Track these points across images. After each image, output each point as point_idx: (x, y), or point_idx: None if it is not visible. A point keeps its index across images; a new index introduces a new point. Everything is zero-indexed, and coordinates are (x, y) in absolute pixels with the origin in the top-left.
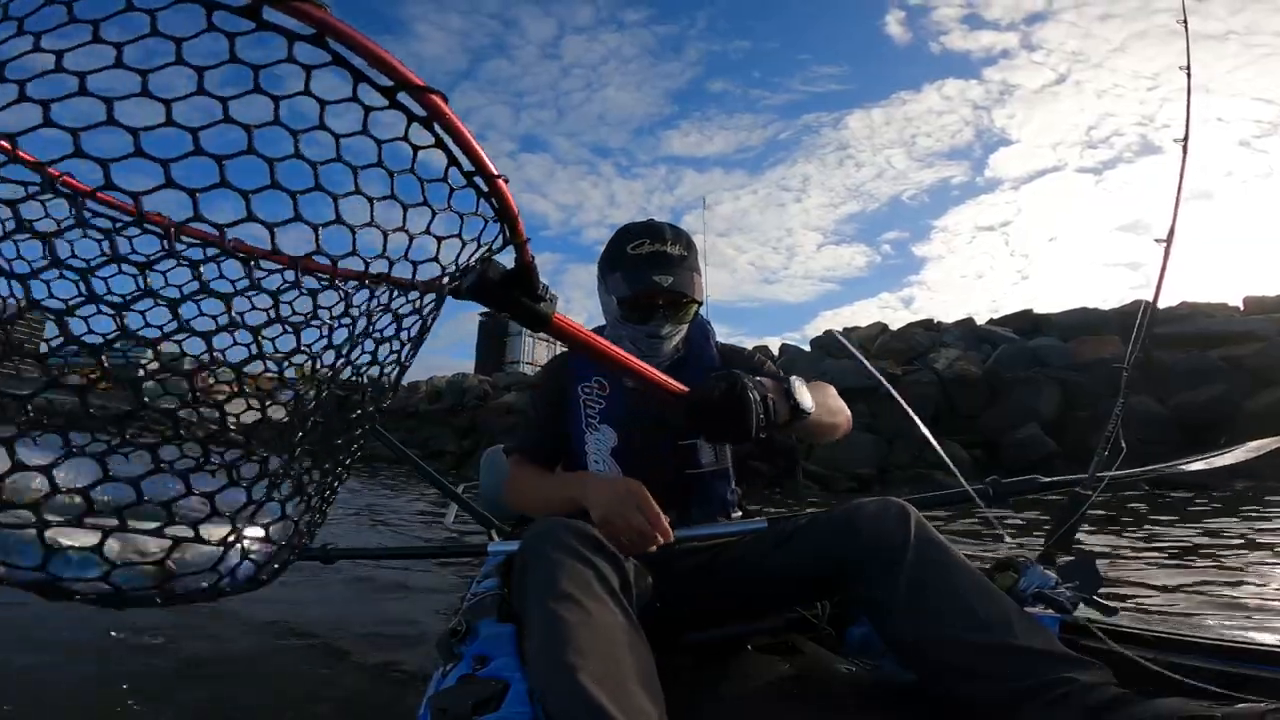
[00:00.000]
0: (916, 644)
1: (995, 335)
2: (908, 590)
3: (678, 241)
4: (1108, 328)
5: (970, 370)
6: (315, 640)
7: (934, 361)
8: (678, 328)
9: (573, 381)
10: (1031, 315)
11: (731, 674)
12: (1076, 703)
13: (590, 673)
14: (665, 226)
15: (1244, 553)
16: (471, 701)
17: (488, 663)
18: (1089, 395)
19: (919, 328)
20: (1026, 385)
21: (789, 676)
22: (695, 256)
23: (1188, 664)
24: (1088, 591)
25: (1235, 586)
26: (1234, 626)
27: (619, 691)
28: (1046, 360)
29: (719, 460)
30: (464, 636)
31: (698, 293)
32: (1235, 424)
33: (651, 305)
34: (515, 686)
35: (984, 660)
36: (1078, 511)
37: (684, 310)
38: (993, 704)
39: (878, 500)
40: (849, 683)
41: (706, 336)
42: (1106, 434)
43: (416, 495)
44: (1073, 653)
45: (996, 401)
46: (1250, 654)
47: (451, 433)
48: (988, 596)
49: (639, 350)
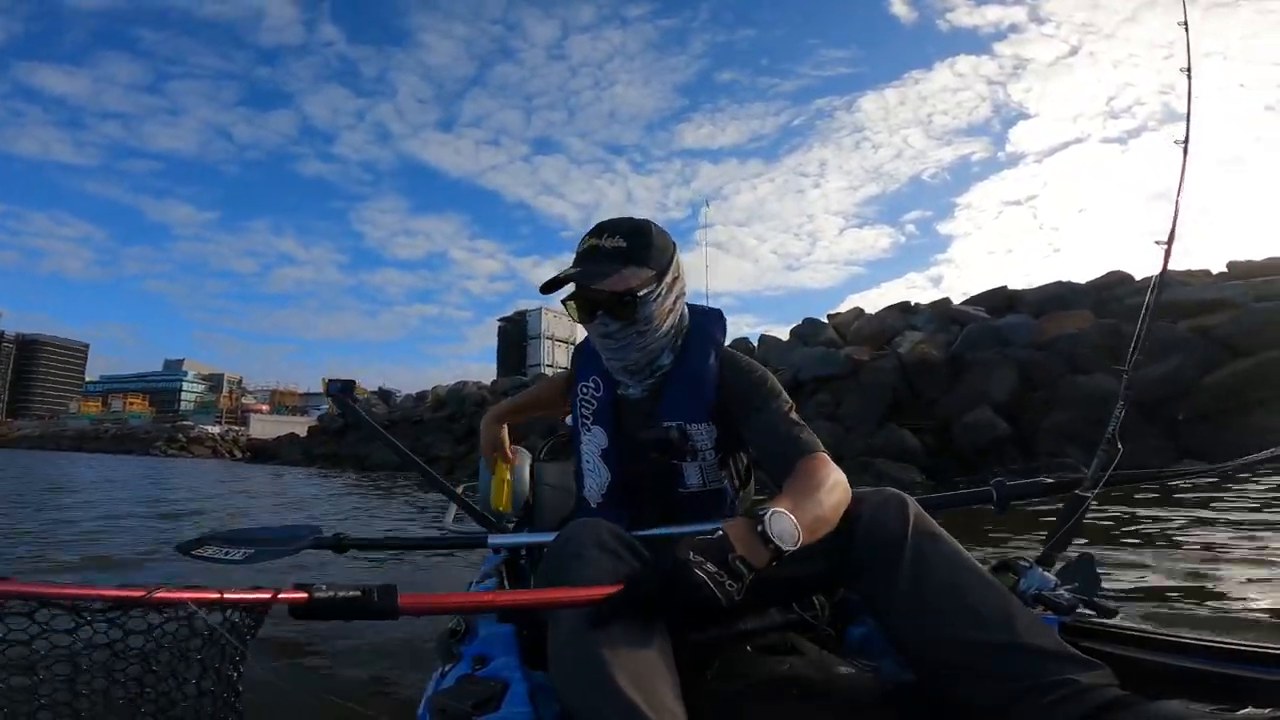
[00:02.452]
0: (917, 642)
1: (966, 315)
2: (908, 586)
3: (616, 234)
4: (1081, 302)
5: (931, 353)
6: (315, 639)
7: (898, 346)
8: (630, 328)
9: (578, 377)
10: (1006, 292)
11: (731, 674)
12: (1077, 703)
13: (623, 672)
14: (616, 221)
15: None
16: (471, 701)
17: (487, 663)
18: (1046, 375)
19: (894, 311)
20: (982, 367)
21: (789, 676)
22: (644, 249)
23: (1189, 666)
24: (1088, 593)
25: (1236, 587)
26: (1236, 629)
27: (650, 692)
28: (1011, 339)
29: (707, 483)
30: (463, 636)
31: (623, 285)
32: (1191, 400)
33: (590, 304)
34: (515, 686)
35: (985, 659)
36: (1077, 513)
37: (626, 308)
38: (993, 704)
39: (876, 491)
40: (849, 683)
41: (709, 347)
42: (1106, 434)
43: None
44: (1076, 651)
45: (958, 385)
46: (1253, 657)
47: (448, 438)
48: (989, 592)
49: (606, 358)
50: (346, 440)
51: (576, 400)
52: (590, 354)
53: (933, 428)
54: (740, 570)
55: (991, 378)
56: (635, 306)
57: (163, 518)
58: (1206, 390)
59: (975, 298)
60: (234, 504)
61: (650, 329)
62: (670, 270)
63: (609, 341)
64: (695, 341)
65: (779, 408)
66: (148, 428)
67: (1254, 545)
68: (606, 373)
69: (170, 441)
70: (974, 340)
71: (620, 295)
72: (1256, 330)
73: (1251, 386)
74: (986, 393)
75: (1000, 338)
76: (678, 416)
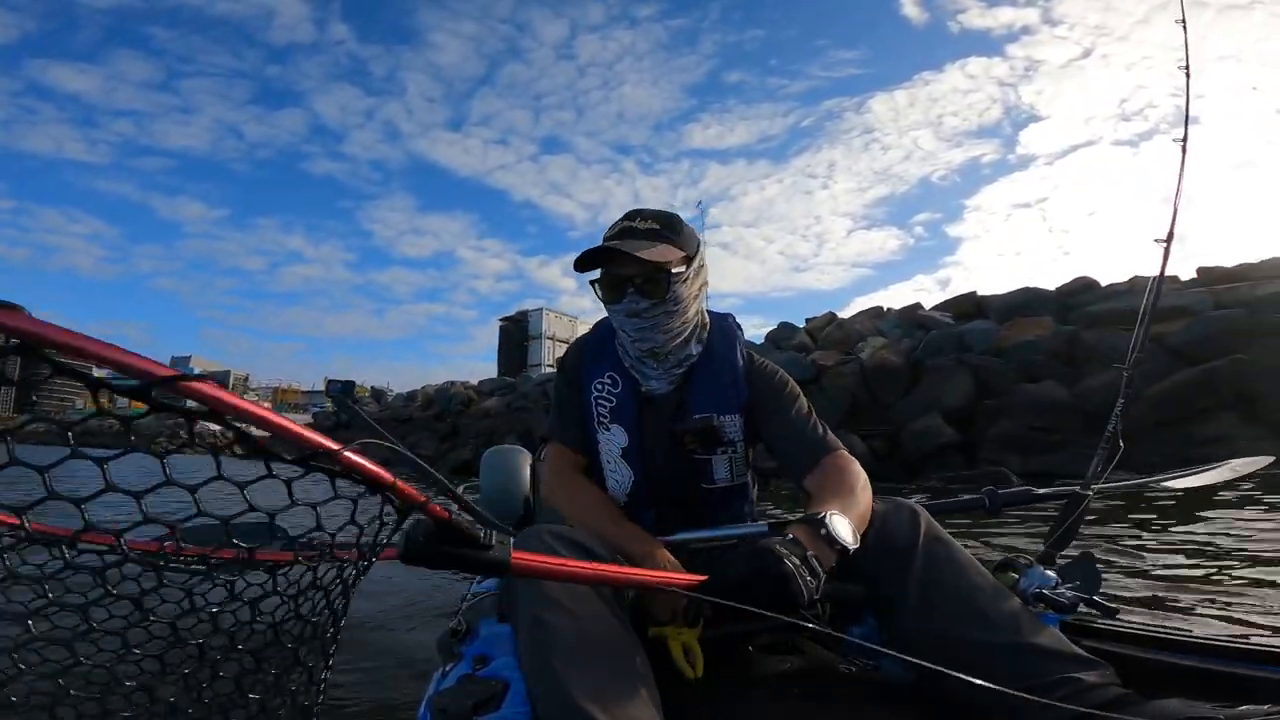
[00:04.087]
0: (924, 642)
1: (932, 321)
2: (918, 589)
3: (649, 219)
4: (1046, 309)
5: (891, 359)
6: None
7: (861, 351)
8: (659, 308)
9: (588, 375)
10: (975, 298)
11: (731, 674)
12: (1080, 702)
13: (579, 682)
14: (647, 210)
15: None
16: (472, 701)
17: (488, 663)
18: (1001, 382)
19: (866, 316)
20: (938, 373)
21: (789, 676)
22: (676, 233)
23: (1189, 665)
24: (1088, 592)
25: (1236, 587)
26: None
27: (609, 700)
28: (972, 345)
29: (735, 477)
30: (464, 636)
31: (660, 256)
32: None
33: (621, 281)
34: (515, 686)
35: (990, 658)
36: (1077, 511)
37: (658, 285)
38: (995, 704)
39: (887, 500)
40: (849, 683)
41: (732, 341)
42: (1106, 434)
43: None
44: (1080, 650)
45: (914, 390)
46: (1251, 655)
47: (433, 437)
48: (997, 595)
49: (630, 341)
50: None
51: (591, 402)
52: (599, 351)
53: (886, 433)
54: (818, 569)
55: (946, 384)
56: (668, 284)
57: None
58: (1148, 400)
59: (944, 303)
60: None
61: (679, 310)
62: (697, 258)
63: (637, 321)
64: (720, 336)
65: (801, 408)
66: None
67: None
68: (623, 368)
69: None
70: (936, 346)
71: (656, 267)
72: (1210, 339)
73: (1196, 396)
74: (940, 399)
75: (962, 344)
76: (709, 408)
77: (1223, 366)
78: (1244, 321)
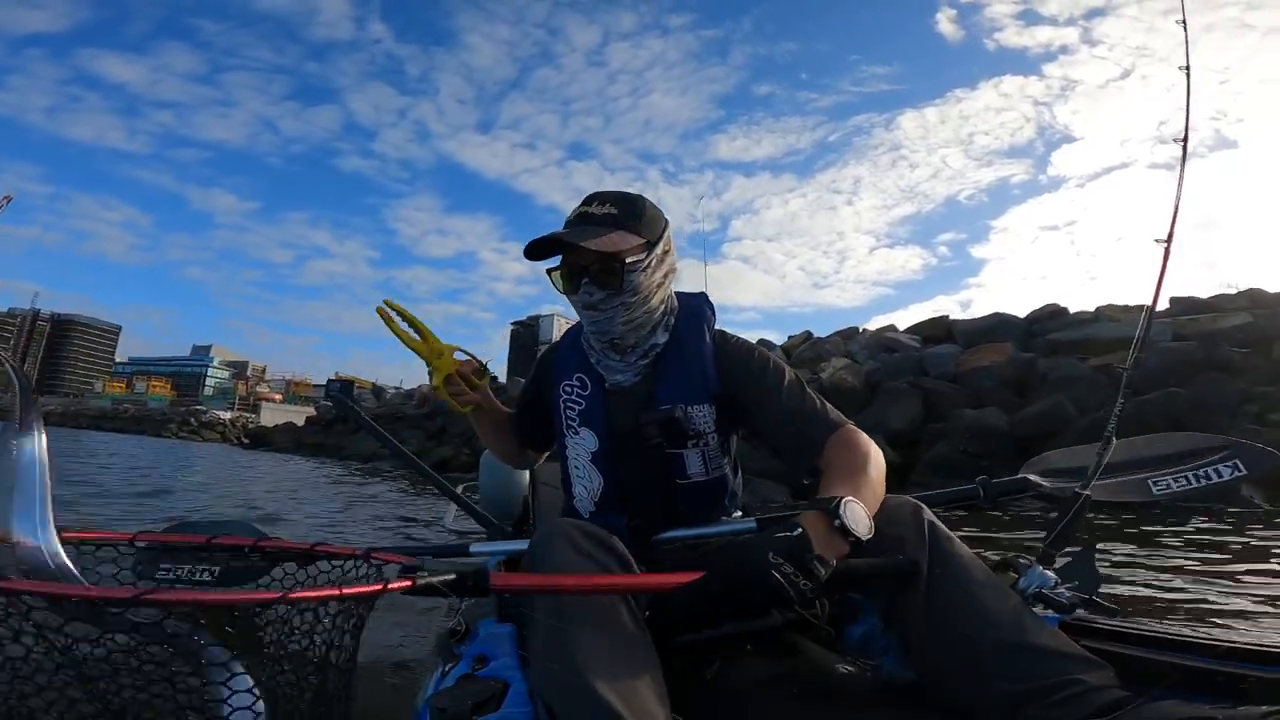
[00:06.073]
0: (926, 642)
1: (899, 344)
2: (922, 588)
3: (606, 202)
4: (1012, 334)
5: (847, 380)
6: None
7: (822, 371)
8: (616, 298)
9: (556, 377)
10: (945, 322)
11: (730, 674)
12: (1079, 705)
13: (600, 675)
14: (608, 192)
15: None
16: (471, 701)
17: (487, 663)
18: (950, 406)
19: (839, 337)
20: (888, 396)
21: (788, 676)
22: (634, 217)
23: (1187, 665)
24: (1087, 591)
25: (1235, 587)
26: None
27: (628, 693)
28: (929, 369)
29: (710, 470)
30: (463, 636)
31: (610, 246)
32: (1059, 440)
33: (576, 271)
34: (515, 686)
35: (993, 658)
36: (1075, 510)
37: (612, 275)
38: (999, 703)
39: (891, 497)
40: (849, 682)
41: (700, 327)
42: (1105, 434)
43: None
44: (1082, 651)
45: (863, 412)
46: (1251, 655)
47: (421, 434)
48: (999, 594)
49: (590, 333)
50: (333, 432)
51: (559, 406)
52: (567, 354)
53: None
54: (818, 572)
55: (894, 406)
56: (622, 274)
57: None
58: (1075, 428)
59: (915, 326)
60: None
61: (636, 301)
62: (660, 243)
63: (592, 313)
64: (688, 321)
65: (790, 386)
66: (164, 410)
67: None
68: (589, 366)
69: (183, 425)
70: (894, 369)
71: (607, 258)
72: (1160, 371)
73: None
74: (885, 421)
75: (921, 368)
76: (677, 398)
77: (1157, 399)
78: (1195, 355)
